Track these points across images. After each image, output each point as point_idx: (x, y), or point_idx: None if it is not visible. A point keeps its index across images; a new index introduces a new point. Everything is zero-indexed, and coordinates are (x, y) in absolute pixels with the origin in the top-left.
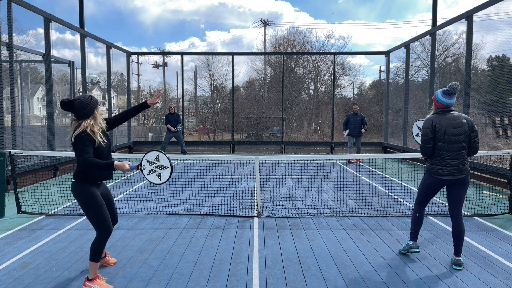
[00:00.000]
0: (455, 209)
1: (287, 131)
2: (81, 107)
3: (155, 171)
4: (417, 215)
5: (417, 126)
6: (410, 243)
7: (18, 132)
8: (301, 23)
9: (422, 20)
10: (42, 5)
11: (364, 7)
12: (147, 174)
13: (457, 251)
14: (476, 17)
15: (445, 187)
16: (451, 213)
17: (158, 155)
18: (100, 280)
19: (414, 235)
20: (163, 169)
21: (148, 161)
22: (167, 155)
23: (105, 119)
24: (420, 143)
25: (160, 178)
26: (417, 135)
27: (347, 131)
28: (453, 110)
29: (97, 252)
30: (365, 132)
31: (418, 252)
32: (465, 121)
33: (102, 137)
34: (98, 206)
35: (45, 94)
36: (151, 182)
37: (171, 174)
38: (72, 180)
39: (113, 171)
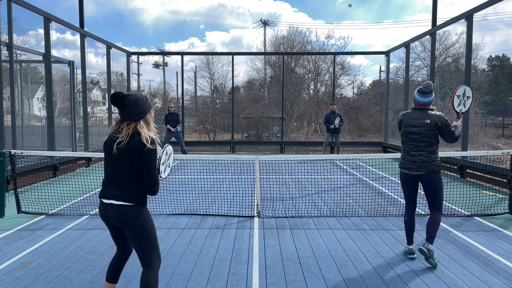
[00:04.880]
0: (429, 204)
1: (287, 131)
2: (135, 105)
3: (166, 164)
4: (406, 218)
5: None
6: (406, 249)
7: (18, 132)
8: (300, 23)
9: (421, 20)
10: (42, 6)
11: (362, 8)
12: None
13: (429, 237)
14: (474, 17)
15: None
16: (428, 206)
17: (172, 153)
18: None
19: (407, 240)
20: (169, 166)
21: (166, 154)
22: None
23: None
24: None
25: (165, 172)
26: (458, 104)
27: (333, 125)
28: (429, 109)
29: None
30: (339, 127)
31: (414, 257)
32: (428, 121)
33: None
34: (155, 233)
35: (45, 94)
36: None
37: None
38: (127, 204)
39: None
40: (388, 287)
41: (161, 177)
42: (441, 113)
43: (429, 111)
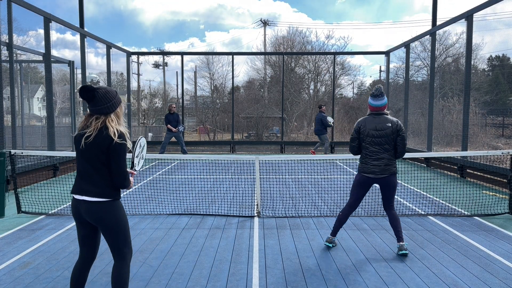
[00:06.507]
0: (386, 204)
1: (287, 131)
2: (105, 98)
3: (140, 156)
4: (341, 214)
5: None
6: (329, 236)
7: (18, 132)
8: (300, 23)
9: (420, 21)
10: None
11: (360, 9)
12: (136, 157)
13: (399, 237)
14: (474, 17)
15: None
16: (384, 207)
17: (145, 145)
18: None
19: (334, 231)
20: (142, 158)
21: (140, 146)
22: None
23: None
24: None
25: (138, 164)
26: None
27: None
28: (385, 113)
29: (127, 283)
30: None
31: (330, 246)
32: (389, 125)
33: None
34: (128, 226)
35: (45, 94)
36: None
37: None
38: (100, 200)
39: None
40: (388, 287)
41: (135, 170)
42: (397, 119)
43: (386, 116)
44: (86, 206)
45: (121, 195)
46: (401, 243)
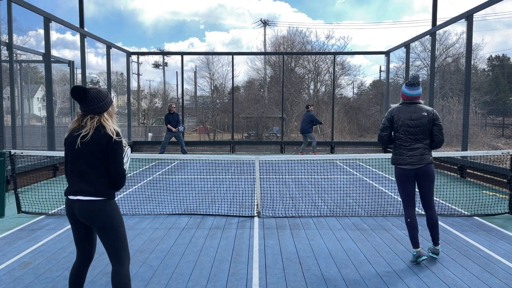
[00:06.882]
0: (424, 202)
1: (287, 131)
2: (97, 98)
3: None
4: (408, 220)
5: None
6: (414, 253)
7: (18, 132)
8: (300, 23)
9: (420, 21)
10: (42, 7)
11: (360, 9)
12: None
13: (435, 241)
14: (474, 17)
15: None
16: (422, 206)
17: (130, 156)
18: None
19: (413, 242)
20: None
21: (127, 156)
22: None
23: None
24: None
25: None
26: None
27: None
28: (419, 103)
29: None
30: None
31: (426, 259)
32: (425, 114)
33: None
34: (124, 228)
35: (45, 94)
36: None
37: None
38: (95, 199)
39: None
40: (388, 287)
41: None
42: (431, 108)
43: (421, 104)
44: (79, 205)
45: (122, 195)
46: (436, 247)
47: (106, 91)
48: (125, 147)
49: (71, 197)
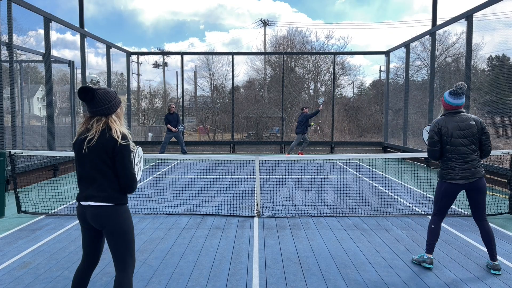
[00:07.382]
0: (476, 215)
1: (287, 131)
2: (105, 99)
3: (138, 166)
4: (432, 226)
5: (426, 131)
6: (424, 256)
7: (18, 132)
8: (300, 23)
9: (420, 21)
10: (42, 7)
11: (360, 9)
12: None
13: (492, 255)
14: (474, 17)
15: (465, 192)
16: (474, 218)
17: (142, 156)
18: None
19: (429, 247)
20: (140, 170)
21: (138, 155)
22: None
23: None
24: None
25: (137, 175)
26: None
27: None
28: (463, 112)
29: None
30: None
31: (431, 268)
32: (473, 123)
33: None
34: (133, 236)
35: (45, 94)
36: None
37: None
38: (107, 204)
39: None
40: (388, 287)
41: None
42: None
43: (465, 113)
44: (91, 211)
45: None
46: (495, 262)
47: (115, 92)
48: (133, 149)
49: (82, 202)
